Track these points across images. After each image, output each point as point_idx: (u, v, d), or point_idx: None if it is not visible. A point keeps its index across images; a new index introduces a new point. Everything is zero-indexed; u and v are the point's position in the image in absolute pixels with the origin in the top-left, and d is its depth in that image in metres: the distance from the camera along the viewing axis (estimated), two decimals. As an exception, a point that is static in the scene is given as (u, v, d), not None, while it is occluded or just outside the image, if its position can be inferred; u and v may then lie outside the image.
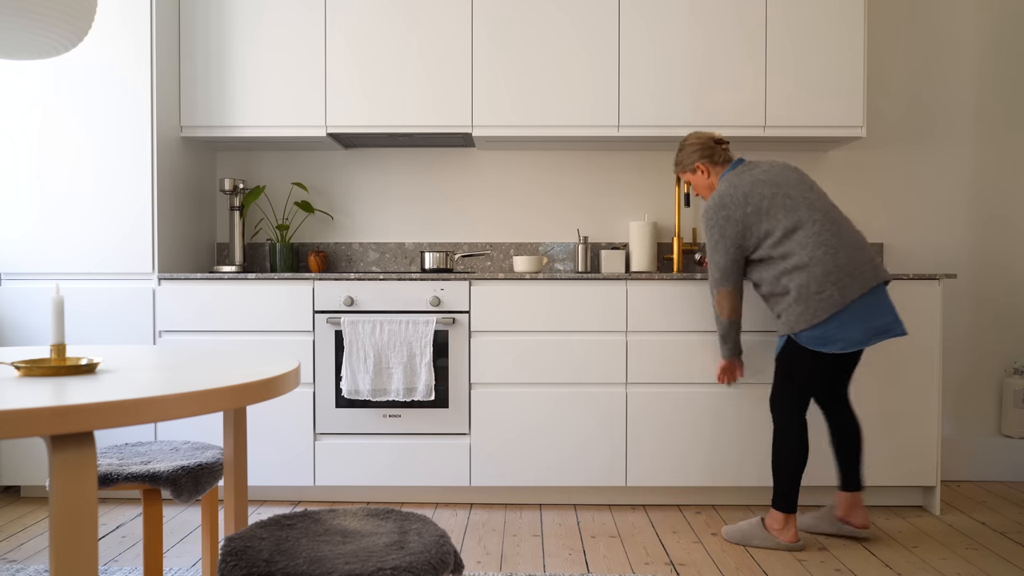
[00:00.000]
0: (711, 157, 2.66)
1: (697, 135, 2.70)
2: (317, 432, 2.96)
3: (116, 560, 2.44)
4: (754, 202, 2.48)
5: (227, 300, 2.94)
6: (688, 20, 3.15)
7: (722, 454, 2.91)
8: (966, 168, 3.50)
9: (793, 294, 2.42)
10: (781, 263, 2.45)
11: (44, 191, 3.00)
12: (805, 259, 2.41)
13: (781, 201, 2.47)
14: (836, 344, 2.41)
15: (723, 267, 2.55)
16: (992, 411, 3.50)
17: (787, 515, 2.51)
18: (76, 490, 1.06)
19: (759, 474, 2.91)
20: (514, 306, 2.92)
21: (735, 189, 2.52)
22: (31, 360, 1.36)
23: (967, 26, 3.48)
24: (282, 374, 1.33)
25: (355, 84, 3.16)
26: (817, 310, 2.39)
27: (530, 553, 2.51)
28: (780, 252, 2.45)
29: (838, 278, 2.39)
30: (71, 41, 1.68)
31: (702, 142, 2.67)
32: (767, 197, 2.48)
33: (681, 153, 2.72)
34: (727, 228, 2.50)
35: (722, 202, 2.52)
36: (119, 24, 3.00)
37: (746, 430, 2.91)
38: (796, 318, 2.43)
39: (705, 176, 2.68)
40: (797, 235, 2.44)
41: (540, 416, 2.93)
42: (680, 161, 2.73)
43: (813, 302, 2.40)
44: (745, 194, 2.49)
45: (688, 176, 2.73)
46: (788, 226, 2.45)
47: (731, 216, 2.49)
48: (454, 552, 1.28)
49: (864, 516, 2.60)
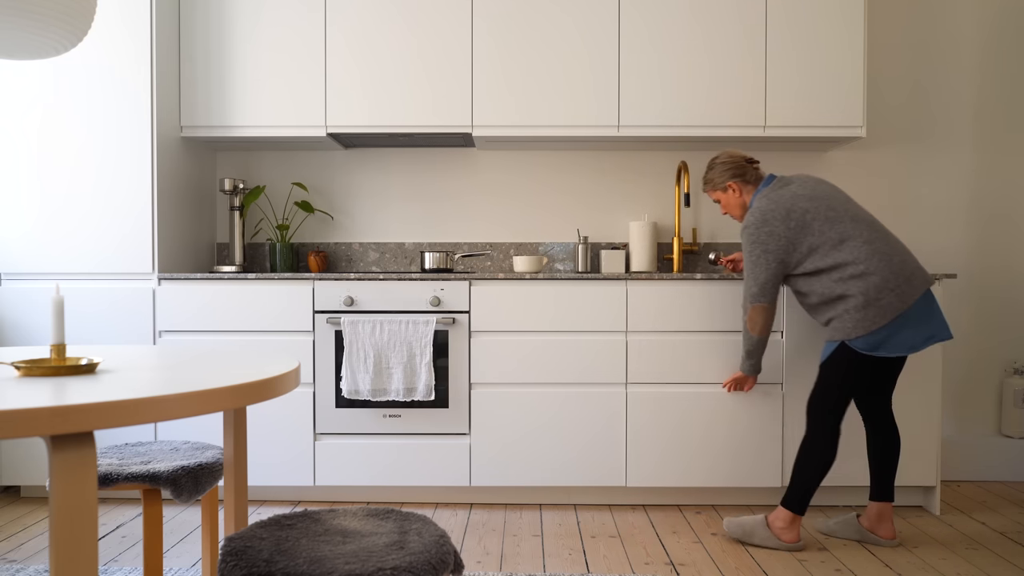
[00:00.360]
0: (743, 176, 2.64)
1: (728, 154, 2.68)
2: (317, 432, 2.96)
3: (116, 560, 2.44)
4: (796, 217, 2.48)
5: (227, 300, 2.94)
6: (688, 20, 3.15)
7: (722, 454, 2.91)
8: (966, 168, 3.50)
9: (852, 301, 2.42)
10: (835, 272, 2.45)
11: (44, 191, 3.00)
12: (861, 268, 2.42)
13: (824, 214, 2.48)
14: (891, 349, 2.43)
15: (763, 283, 2.52)
16: (992, 411, 3.50)
17: (795, 516, 2.51)
18: (76, 490, 1.06)
19: (759, 474, 2.91)
20: (514, 306, 2.92)
21: (776, 205, 2.50)
22: (31, 360, 1.36)
23: (967, 26, 3.48)
24: (282, 374, 1.33)
25: (355, 84, 3.16)
26: (876, 316, 2.40)
27: (530, 553, 2.51)
28: (831, 263, 2.45)
29: (896, 284, 2.41)
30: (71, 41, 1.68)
31: (734, 161, 2.65)
32: (809, 211, 2.48)
33: (711, 172, 2.70)
34: (770, 243, 2.48)
35: (764, 218, 2.50)
36: (119, 24, 3.00)
37: (746, 430, 2.91)
38: (854, 325, 2.42)
39: (736, 195, 2.66)
40: (847, 246, 2.44)
41: (540, 416, 2.93)
42: (711, 179, 2.71)
43: (873, 309, 2.41)
44: (787, 209, 2.48)
45: (718, 195, 2.71)
46: (835, 238, 2.45)
47: (774, 231, 2.48)
48: (454, 552, 1.28)
49: (892, 529, 2.59)
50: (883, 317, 2.40)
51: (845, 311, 2.44)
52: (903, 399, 2.89)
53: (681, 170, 3.37)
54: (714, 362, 2.90)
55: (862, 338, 2.43)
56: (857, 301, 2.41)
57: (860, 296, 2.41)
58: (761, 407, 2.90)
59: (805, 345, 2.89)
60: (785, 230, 2.48)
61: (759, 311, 2.56)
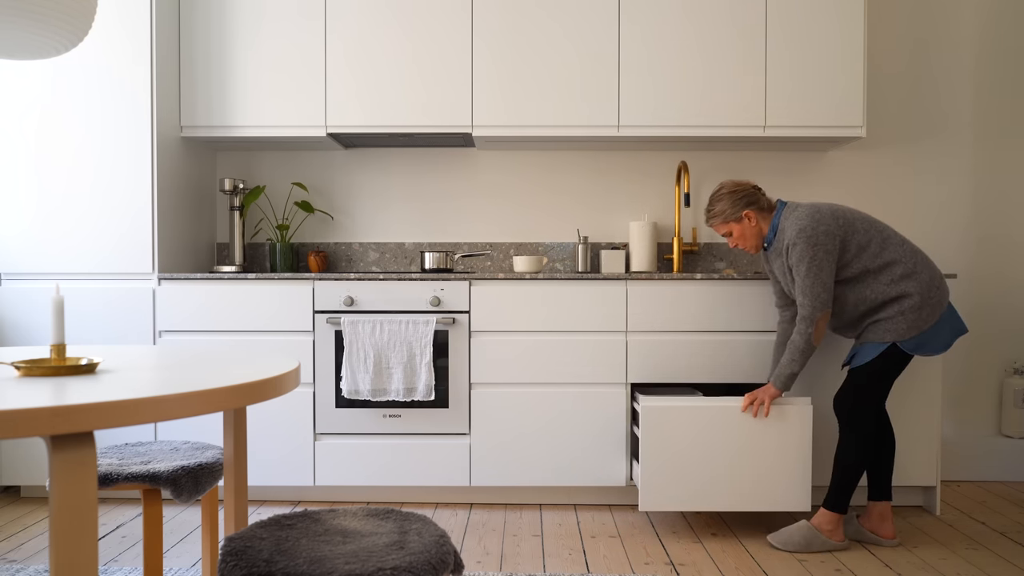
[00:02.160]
0: (758, 203, 2.58)
1: (734, 184, 2.60)
2: (317, 432, 2.96)
3: (116, 560, 2.44)
4: (842, 218, 2.48)
5: (227, 300, 2.94)
6: (688, 20, 3.15)
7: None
8: (966, 168, 3.50)
9: (908, 301, 2.42)
10: (885, 274, 2.45)
11: (44, 191, 3.00)
12: (911, 267, 2.44)
13: (860, 216, 2.51)
14: (932, 348, 2.46)
15: (830, 286, 2.46)
16: (992, 411, 3.50)
17: (840, 516, 2.52)
18: (76, 490, 1.06)
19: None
20: (514, 306, 2.92)
21: (819, 209, 2.48)
22: (31, 360, 1.36)
23: (967, 26, 3.48)
24: (282, 374, 1.33)
25: (355, 84, 3.16)
26: (929, 315, 2.43)
27: (530, 553, 2.51)
28: (880, 263, 2.45)
29: (939, 282, 2.47)
30: (71, 41, 1.68)
31: (744, 191, 2.58)
32: (849, 213, 2.51)
33: (720, 204, 2.59)
34: (829, 244, 2.44)
35: (816, 219, 2.45)
36: (119, 24, 3.00)
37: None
38: (908, 325, 2.43)
39: (753, 223, 2.59)
40: (890, 244, 2.47)
41: (540, 416, 2.93)
42: (721, 212, 2.59)
43: (927, 307, 2.43)
44: (832, 211, 2.48)
45: (730, 227, 2.60)
46: (879, 239, 2.47)
47: (830, 230, 2.45)
48: (454, 552, 1.28)
49: (892, 528, 2.59)
50: (933, 315, 2.44)
51: (900, 312, 2.44)
52: (903, 399, 2.89)
53: (681, 170, 3.37)
54: (715, 362, 2.90)
55: (913, 338, 2.44)
56: (914, 301, 2.42)
57: (918, 296, 2.42)
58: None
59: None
60: (837, 228, 2.46)
61: (825, 318, 2.48)
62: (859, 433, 2.49)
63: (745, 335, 2.90)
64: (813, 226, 2.45)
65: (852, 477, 2.49)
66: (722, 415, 2.64)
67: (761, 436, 2.64)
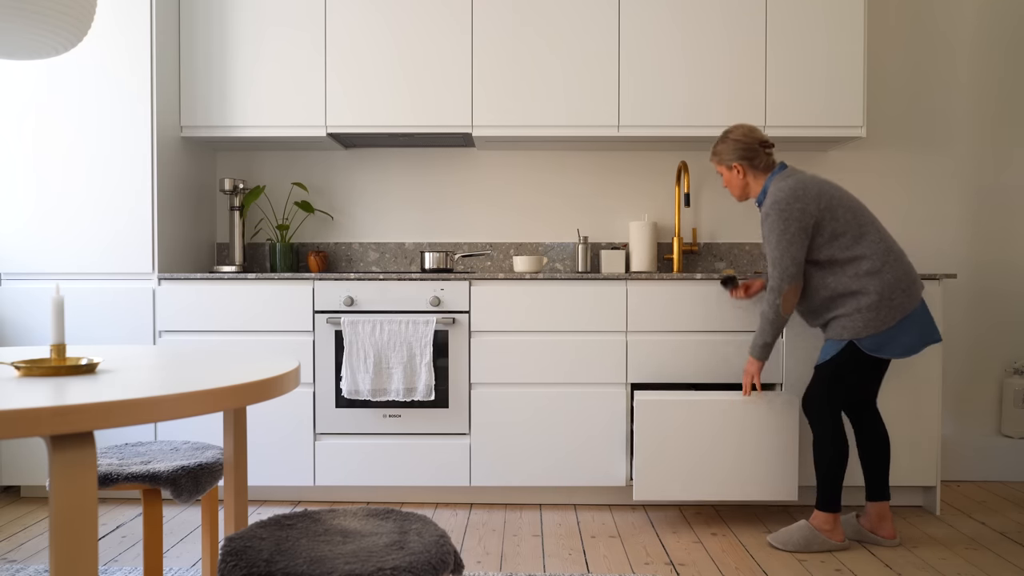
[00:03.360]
0: (751, 160, 2.59)
1: (744, 132, 2.60)
2: (317, 432, 2.96)
3: (116, 560, 2.44)
4: (826, 199, 2.47)
5: (227, 300, 2.94)
6: (688, 20, 3.15)
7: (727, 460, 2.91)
8: (966, 168, 3.50)
9: (865, 299, 2.42)
10: (851, 267, 2.45)
11: (43, 191, 3.00)
12: (878, 265, 2.43)
13: (847, 203, 2.48)
14: (895, 350, 2.44)
15: (799, 261, 2.46)
16: (992, 411, 3.50)
17: (835, 515, 2.52)
18: (76, 490, 1.06)
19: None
20: (514, 306, 2.92)
21: (805, 184, 2.48)
22: (31, 360, 1.36)
23: (967, 26, 3.48)
24: (282, 374, 1.33)
25: (355, 84, 3.16)
26: (887, 316, 2.42)
27: (530, 553, 2.51)
28: (849, 255, 2.45)
29: (907, 285, 2.44)
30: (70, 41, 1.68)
31: (746, 143, 2.58)
32: (835, 197, 2.48)
33: (722, 144, 2.62)
34: (804, 219, 2.44)
35: (796, 195, 2.45)
36: (119, 24, 3.00)
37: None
38: (864, 324, 2.43)
39: (740, 177, 2.61)
40: (866, 240, 2.45)
41: (540, 416, 2.93)
42: (719, 152, 2.63)
43: (885, 308, 2.42)
44: (818, 190, 2.47)
45: (722, 169, 2.65)
46: (856, 230, 2.46)
47: (806, 209, 2.44)
48: (454, 552, 1.28)
49: (892, 528, 2.60)
50: (892, 317, 2.42)
51: (856, 310, 2.44)
52: (903, 399, 2.89)
53: (681, 170, 3.37)
54: (715, 362, 2.90)
55: (870, 338, 2.44)
56: (871, 300, 2.42)
57: (875, 295, 2.42)
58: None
59: (807, 345, 2.89)
60: (816, 209, 2.45)
61: (794, 291, 2.49)
62: (821, 430, 2.51)
63: (745, 335, 2.90)
64: (789, 201, 2.45)
65: (834, 473, 2.49)
66: (713, 408, 2.76)
67: (749, 429, 2.77)
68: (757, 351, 2.60)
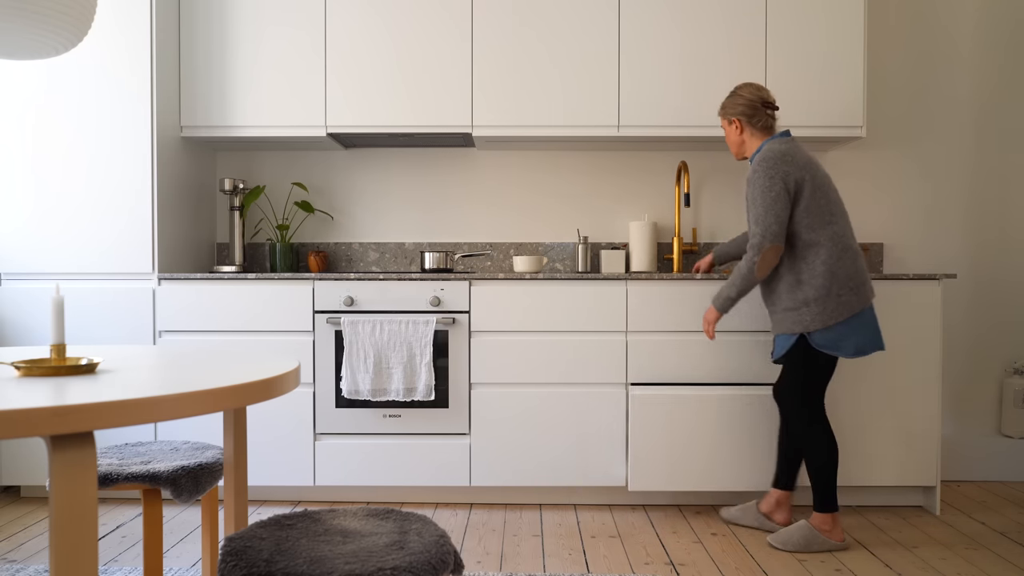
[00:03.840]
0: (750, 118, 2.60)
1: (752, 91, 2.61)
2: (317, 432, 2.96)
3: (116, 560, 2.44)
4: (810, 175, 2.47)
5: (227, 300, 2.94)
6: (688, 20, 3.15)
7: (722, 454, 2.91)
8: (966, 168, 3.50)
9: (814, 291, 2.43)
10: (809, 253, 2.45)
11: (43, 190, 3.00)
12: (835, 257, 2.43)
13: (826, 188, 2.48)
14: (846, 350, 2.44)
15: (783, 220, 2.44)
16: (992, 411, 3.50)
17: (833, 515, 2.52)
18: (76, 490, 1.06)
19: (759, 474, 2.91)
20: (514, 306, 2.92)
21: (796, 153, 2.48)
22: (31, 360, 1.36)
23: (967, 26, 3.48)
24: (282, 374, 1.33)
25: (355, 84, 3.16)
26: (836, 311, 2.42)
27: (530, 553, 2.51)
28: (812, 239, 2.45)
29: (857, 284, 2.44)
30: (71, 41, 1.68)
31: (750, 100, 2.59)
32: (818, 177, 2.48)
33: (729, 99, 2.65)
34: (788, 181, 2.44)
35: (784, 158, 2.46)
36: (119, 24, 3.00)
37: (746, 430, 2.90)
38: (812, 317, 2.44)
39: (737, 132, 2.63)
40: (829, 230, 2.45)
41: (540, 416, 2.93)
42: (723, 106, 2.66)
43: (832, 303, 2.42)
44: (807, 162, 2.48)
45: (723, 122, 2.68)
46: (825, 216, 2.46)
47: (791, 173, 2.45)
48: (454, 552, 1.28)
49: (788, 514, 2.67)
50: (840, 313, 2.42)
51: (804, 303, 2.45)
52: (903, 399, 2.89)
53: (681, 170, 3.37)
54: (715, 362, 2.90)
55: (820, 333, 2.45)
56: (818, 292, 2.43)
57: (823, 288, 2.42)
58: (760, 407, 2.90)
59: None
60: (800, 177, 2.45)
61: (774, 252, 2.45)
62: (801, 428, 2.52)
63: (745, 335, 2.90)
64: (777, 161, 2.45)
65: (827, 472, 2.50)
66: (706, 401, 2.86)
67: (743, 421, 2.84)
68: (720, 302, 2.57)
